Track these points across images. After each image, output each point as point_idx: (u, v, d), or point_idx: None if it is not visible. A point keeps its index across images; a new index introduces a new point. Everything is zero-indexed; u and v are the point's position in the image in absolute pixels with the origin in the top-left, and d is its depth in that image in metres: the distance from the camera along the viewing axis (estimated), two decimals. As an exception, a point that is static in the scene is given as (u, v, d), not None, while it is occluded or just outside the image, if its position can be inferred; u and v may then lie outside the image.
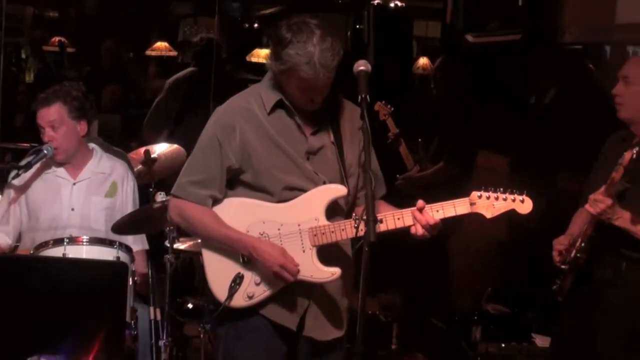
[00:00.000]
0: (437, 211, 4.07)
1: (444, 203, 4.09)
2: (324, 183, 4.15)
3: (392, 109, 7.53)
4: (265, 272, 4.13)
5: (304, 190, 4.13)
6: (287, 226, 4.13)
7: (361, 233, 3.77)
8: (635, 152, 4.55)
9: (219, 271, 4.21)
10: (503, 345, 6.27)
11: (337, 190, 4.07)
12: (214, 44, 8.50)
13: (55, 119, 5.32)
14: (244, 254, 4.14)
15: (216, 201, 4.19)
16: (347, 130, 4.22)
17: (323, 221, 4.10)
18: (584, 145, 5.46)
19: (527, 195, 4.09)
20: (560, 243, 5.02)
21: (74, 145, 5.39)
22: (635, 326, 4.97)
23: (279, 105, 4.15)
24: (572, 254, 4.99)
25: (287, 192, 4.13)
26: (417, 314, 7.47)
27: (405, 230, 4.09)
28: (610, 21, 6.50)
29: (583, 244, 4.95)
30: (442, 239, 4.21)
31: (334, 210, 4.15)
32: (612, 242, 4.91)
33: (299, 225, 4.12)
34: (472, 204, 4.08)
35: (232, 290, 4.15)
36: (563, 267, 5.08)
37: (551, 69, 8.31)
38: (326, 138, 4.18)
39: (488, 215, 4.09)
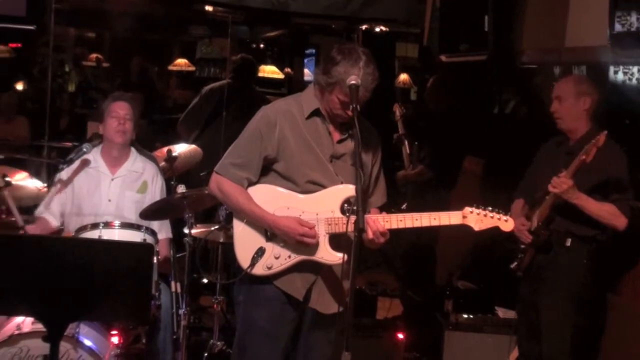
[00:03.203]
0: (434, 219, 4.12)
1: (441, 213, 4.13)
2: (341, 183, 4.17)
3: (405, 111, 7.60)
4: (283, 247, 4.19)
5: (324, 187, 4.18)
6: (308, 214, 4.16)
7: (352, 220, 3.81)
8: (604, 134, 4.72)
9: (245, 242, 4.25)
10: (471, 316, 6.28)
11: (353, 190, 4.02)
12: (250, 63, 8.44)
13: (128, 113, 5.39)
14: (267, 229, 4.18)
15: (250, 183, 4.23)
16: (364, 145, 4.21)
17: (337, 214, 4.14)
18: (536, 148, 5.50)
19: (510, 216, 4.18)
20: (522, 224, 5.11)
21: (128, 140, 5.44)
22: (574, 292, 5.05)
23: (315, 113, 4.22)
24: (532, 234, 5.09)
25: (310, 185, 4.18)
26: (399, 289, 7.48)
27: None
28: (560, 45, 6.48)
29: (542, 224, 5.06)
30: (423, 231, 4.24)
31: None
32: (562, 222, 5.02)
33: (317, 214, 4.15)
34: (464, 216, 4.13)
35: (254, 260, 4.20)
36: (523, 246, 5.16)
37: (511, 84, 8.30)
38: (349, 147, 4.21)
39: (476, 228, 4.15)
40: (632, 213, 5.01)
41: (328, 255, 4.15)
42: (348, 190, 4.11)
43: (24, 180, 5.72)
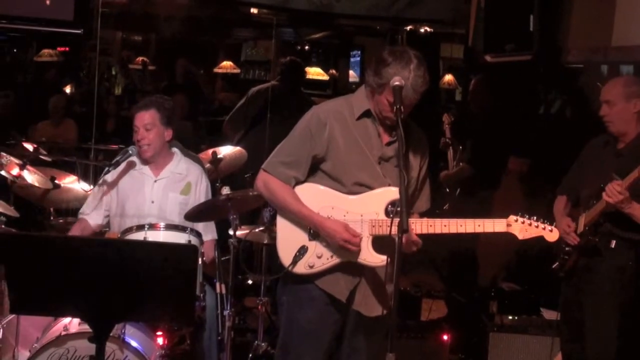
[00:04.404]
0: (478, 226, 4.11)
1: (485, 220, 4.13)
2: (389, 185, 4.16)
3: (453, 119, 7.62)
4: (326, 247, 4.19)
5: (370, 188, 4.18)
6: (352, 214, 4.16)
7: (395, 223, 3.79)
8: None
9: (288, 240, 4.26)
10: (516, 317, 6.25)
11: (396, 193, 3.98)
12: (299, 65, 8.46)
13: (149, 122, 5.35)
14: (312, 229, 4.19)
15: (297, 182, 4.24)
16: (412, 148, 4.25)
17: (382, 216, 4.13)
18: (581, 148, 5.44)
19: (555, 226, 4.17)
20: (569, 225, 5.07)
21: (159, 146, 5.42)
22: (619, 294, 5.02)
23: (366, 114, 4.21)
24: (580, 237, 5.02)
25: (357, 187, 4.18)
26: (443, 290, 7.46)
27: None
28: (607, 44, 6.41)
29: (589, 229, 5.00)
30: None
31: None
32: (607, 224, 4.96)
33: (361, 215, 4.16)
34: (508, 225, 4.13)
35: (297, 258, 4.21)
36: (568, 248, 5.11)
37: (557, 84, 8.23)
38: (397, 150, 4.15)
39: (520, 237, 4.15)
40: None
41: (371, 257, 4.15)
42: (392, 192, 4.09)
43: (72, 183, 5.81)
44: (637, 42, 6.03)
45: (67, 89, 12.09)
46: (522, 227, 4.10)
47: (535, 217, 4.12)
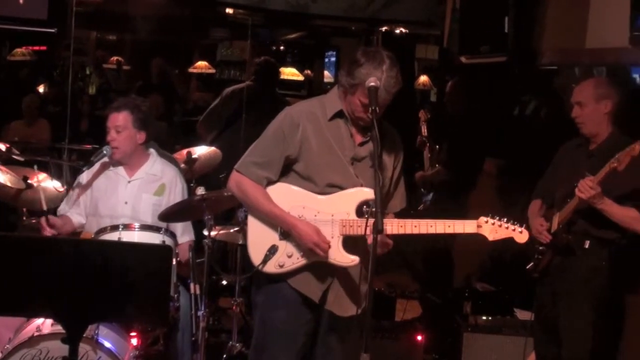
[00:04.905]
0: (448, 226, 4.13)
1: (456, 221, 4.15)
2: (361, 186, 4.17)
3: (429, 116, 7.64)
4: (296, 247, 4.21)
5: (342, 189, 4.19)
6: (323, 214, 4.18)
7: (370, 223, 3.82)
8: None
9: (258, 240, 4.27)
10: (490, 318, 6.28)
11: (369, 193, 4.06)
12: (273, 66, 8.45)
13: (120, 124, 5.32)
14: (284, 229, 4.20)
15: (270, 183, 4.25)
16: (386, 148, 4.26)
17: (353, 216, 4.15)
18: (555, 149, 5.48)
19: (526, 228, 4.20)
20: (541, 224, 5.09)
21: (130, 149, 5.38)
22: (593, 294, 5.05)
23: (338, 115, 4.23)
24: (553, 236, 5.05)
25: (329, 188, 4.20)
26: (417, 291, 7.48)
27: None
28: (580, 46, 6.45)
29: (562, 227, 5.03)
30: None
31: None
32: (581, 224, 4.99)
33: (332, 215, 4.17)
34: (478, 226, 4.15)
35: (267, 257, 4.23)
36: (541, 247, 5.14)
37: (531, 86, 8.27)
38: (371, 150, 4.18)
39: (490, 238, 4.17)
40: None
41: (341, 257, 4.17)
42: (364, 193, 4.13)
43: (44, 182, 5.77)
44: (611, 44, 6.06)
45: (41, 89, 12.02)
46: (492, 229, 4.13)
47: (505, 219, 4.15)
